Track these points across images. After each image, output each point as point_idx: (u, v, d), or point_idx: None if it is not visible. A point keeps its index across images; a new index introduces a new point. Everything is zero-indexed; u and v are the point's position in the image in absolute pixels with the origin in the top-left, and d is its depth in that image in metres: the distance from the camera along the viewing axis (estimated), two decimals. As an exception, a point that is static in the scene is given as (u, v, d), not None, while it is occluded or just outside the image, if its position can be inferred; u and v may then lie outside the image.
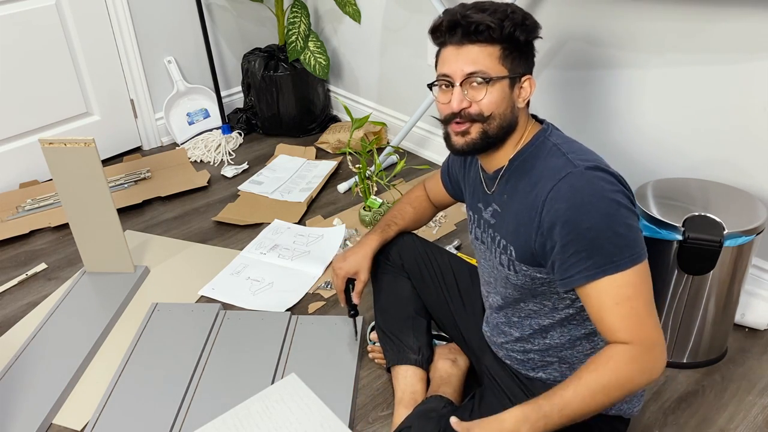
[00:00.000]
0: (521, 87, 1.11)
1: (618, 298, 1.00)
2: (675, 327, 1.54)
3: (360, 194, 2.24)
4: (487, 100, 1.08)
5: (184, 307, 1.82)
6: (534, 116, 1.18)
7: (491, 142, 1.12)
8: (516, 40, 1.07)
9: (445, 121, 1.14)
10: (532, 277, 1.12)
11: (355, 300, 1.50)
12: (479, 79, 1.07)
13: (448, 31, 1.09)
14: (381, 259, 1.54)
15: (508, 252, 1.13)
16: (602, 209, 1.00)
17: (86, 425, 1.48)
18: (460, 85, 1.09)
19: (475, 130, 1.11)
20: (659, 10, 1.63)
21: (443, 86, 1.12)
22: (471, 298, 1.46)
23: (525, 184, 1.09)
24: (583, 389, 0.99)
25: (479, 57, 1.07)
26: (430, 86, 1.15)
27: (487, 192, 1.19)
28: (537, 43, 1.15)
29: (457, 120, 1.11)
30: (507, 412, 1.01)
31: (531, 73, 1.12)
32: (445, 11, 1.10)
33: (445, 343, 1.58)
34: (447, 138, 1.15)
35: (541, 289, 1.14)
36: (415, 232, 1.58)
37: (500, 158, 1.15)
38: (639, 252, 1.01)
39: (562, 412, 0.99)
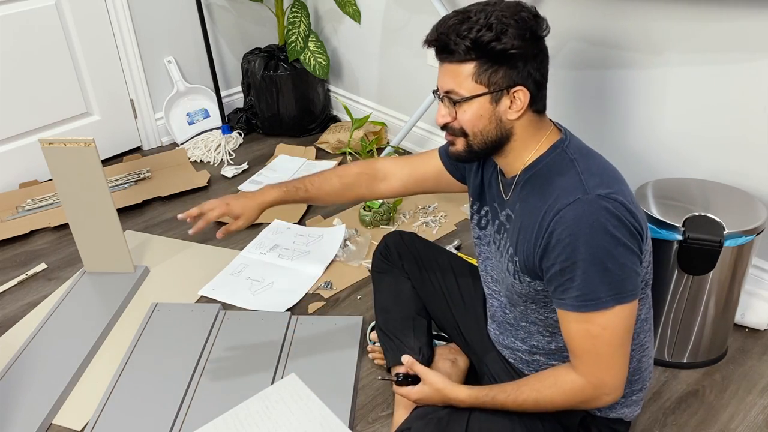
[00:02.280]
0: (513, 98, 1.06)
1: (587, 333, 1.03)
2: (675, 327, 1.54)
3: (360, 194, 2.24)
4: (462, 118, 1.08)
5: (184, 307, 1.82)
6: (553, 122, 1.15)
7: (478, 154, 1.12)
8: (492, 55, 1.03)
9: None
10: (534, 289, 1.12)
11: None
12: (452, 98, 1.07)
13: (430, 47, 1.08)
14: (381, 259, 1.54)
15: (514, 261, 1.14)
16: (599, 244, 0.99)
17: (86, 425, 1.48)
18: (441, 100, 1.10)
19: (460, 144, 1.12)
20: (658, 9, 1.63)
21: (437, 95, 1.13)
22: (472, 298, 1.45)
23: (536, 200, 1.07)
24: (518, 400, 1.11)
25: (453, 76, 1.06)
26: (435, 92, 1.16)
27: (504, 197, 1.18)
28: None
29: (446, 131, 1.13)
30: (453, 388, 1.18)
31: (524, 83, 1.05)
32: (436, 24, 1.08)
33: (445, 343, 1.58)
34: None
35: (545, 301, 1.14)
36: (414, 232, 1.57)
37: (514, 165, 1.13)
38: (626, 293, 1.01)
39: (495, 404, 1.14)
